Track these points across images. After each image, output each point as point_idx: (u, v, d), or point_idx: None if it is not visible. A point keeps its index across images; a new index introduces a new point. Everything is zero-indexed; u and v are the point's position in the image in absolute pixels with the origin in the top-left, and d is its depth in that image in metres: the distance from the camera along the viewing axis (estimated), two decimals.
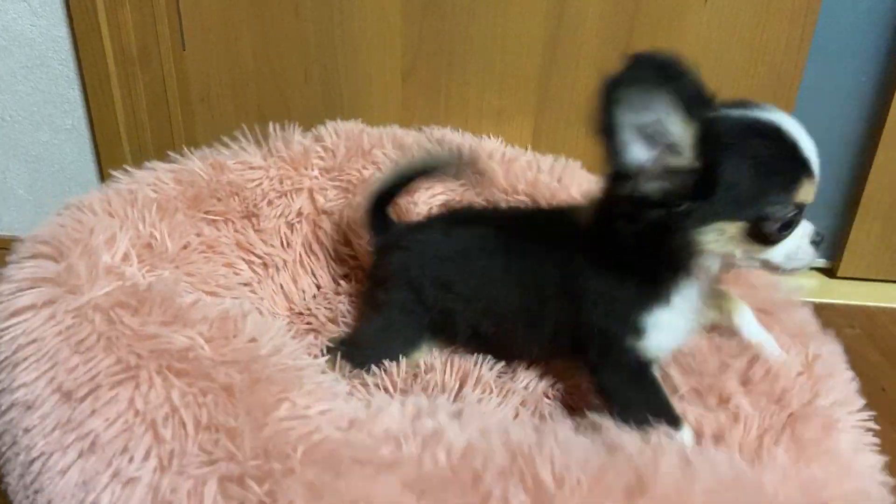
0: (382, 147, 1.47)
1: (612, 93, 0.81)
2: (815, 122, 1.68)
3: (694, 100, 0.83)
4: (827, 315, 1.14)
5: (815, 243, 0.91)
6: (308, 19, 1.65)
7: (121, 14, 1.56)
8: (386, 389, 1.11)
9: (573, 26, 1.60)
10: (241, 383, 0.82)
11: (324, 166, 1.46)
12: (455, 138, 1.54)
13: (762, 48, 1.59)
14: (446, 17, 1.63)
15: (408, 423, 0.81)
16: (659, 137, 0.83)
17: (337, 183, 1.45)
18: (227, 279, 1.29)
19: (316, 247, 1.43)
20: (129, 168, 1.29)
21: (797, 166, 0.86)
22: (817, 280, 1.83)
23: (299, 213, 1.42)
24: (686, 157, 0.84)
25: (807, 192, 0.87)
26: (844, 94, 1.70)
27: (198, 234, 1.27)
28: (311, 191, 1.44)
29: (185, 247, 1.22)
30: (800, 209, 0.88)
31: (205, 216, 1.31)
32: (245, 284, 1.34)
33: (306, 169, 1.44)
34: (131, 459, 0.76)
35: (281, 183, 1.41)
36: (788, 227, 0.88)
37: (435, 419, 0.82)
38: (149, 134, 1.69)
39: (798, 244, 0.90)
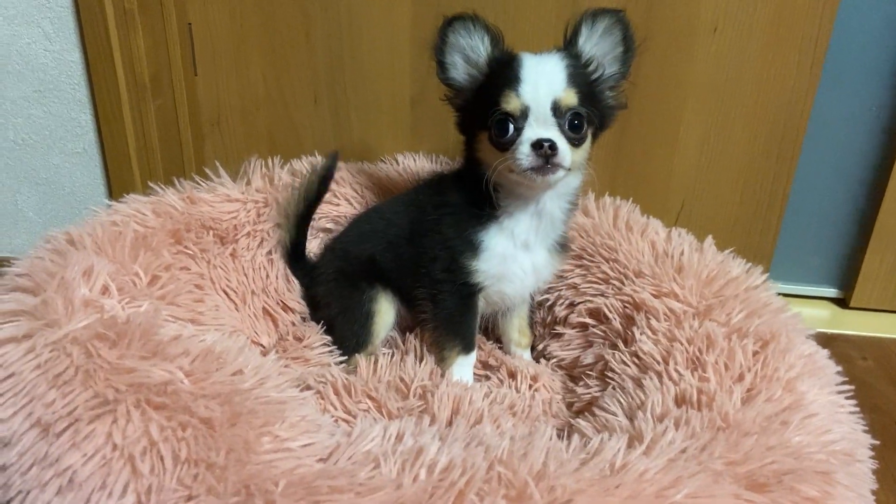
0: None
1: (449, 24, 1.11)
2: (827, 150, 1.71)
3: (496, 37, 1.12)
4: (839, 346, 1.13)
5: (534, 146, 1.04)
6: (318, 45, 1.67)
7: (133, 39, 1.57)
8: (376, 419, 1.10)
9: None
10: (221, 417, 0.81)
11: None
12: None
13: (772, 76, 1.59)
14: None
15: (389, 445, 0.81)
16: (472, 62, 1.13)
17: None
18: (211, 311, 1.26)
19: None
20: (109, 202, 1.27)
21: (507, 82, 1.06)
22: (829, 310, 1.81)
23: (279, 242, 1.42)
24: (481, 72, 1.13)
25: (507, 101, 1.06)
26: (856, 121, 1.69)
27: (181, 268, 1.25)
28: None
29: (167, 278, 1.18)
30: (511, 116, 1.06)
31: (184, 249, 1.29)
32: (231, 313, 1.32)
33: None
34: (110, 495, 0.74)
35: (258, 216, 1.42)
36: (504, 132, 1.06)
37: (416, 438, 0.81)
38: (159, 158, 1.70)
39: (521, 149, 1.05)
